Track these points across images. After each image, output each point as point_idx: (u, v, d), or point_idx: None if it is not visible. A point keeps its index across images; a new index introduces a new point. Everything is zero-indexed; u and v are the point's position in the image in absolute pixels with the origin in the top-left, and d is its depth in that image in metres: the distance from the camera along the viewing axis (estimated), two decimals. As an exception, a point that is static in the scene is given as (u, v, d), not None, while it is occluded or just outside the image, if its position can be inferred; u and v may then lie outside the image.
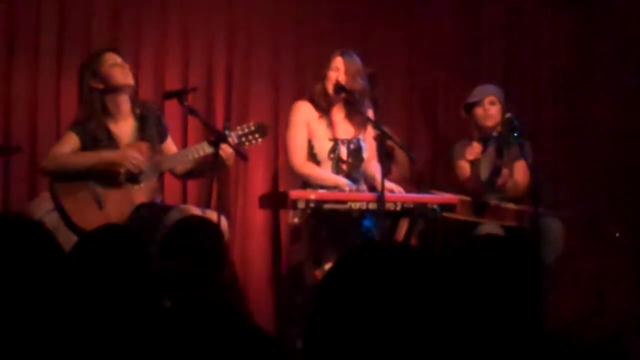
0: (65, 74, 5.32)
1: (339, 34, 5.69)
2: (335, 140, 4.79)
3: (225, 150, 4.35)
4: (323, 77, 4.76)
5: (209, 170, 4.59)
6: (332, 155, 4.78)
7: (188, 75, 5.49)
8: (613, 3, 6.00)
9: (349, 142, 4.82)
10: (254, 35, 5.62)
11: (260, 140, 4.51)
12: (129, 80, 4.55)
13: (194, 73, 5.51)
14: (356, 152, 4.83)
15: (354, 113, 4.80)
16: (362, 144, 4.84)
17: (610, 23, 5.98)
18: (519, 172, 5.03)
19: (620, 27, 5.97)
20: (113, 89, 4.51)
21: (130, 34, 5.44)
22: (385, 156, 4.73)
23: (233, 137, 4.41)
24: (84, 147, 4.50)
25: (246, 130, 4.47)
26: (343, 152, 4.80)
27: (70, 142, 4.51)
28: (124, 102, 4.56)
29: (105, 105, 4.52)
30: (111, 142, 4.50)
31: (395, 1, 5.89)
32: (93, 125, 4.48)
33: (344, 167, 4.80)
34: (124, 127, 4.56)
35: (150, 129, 4.59)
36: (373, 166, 4.83)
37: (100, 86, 4.50)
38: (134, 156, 4.41)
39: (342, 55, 4.76)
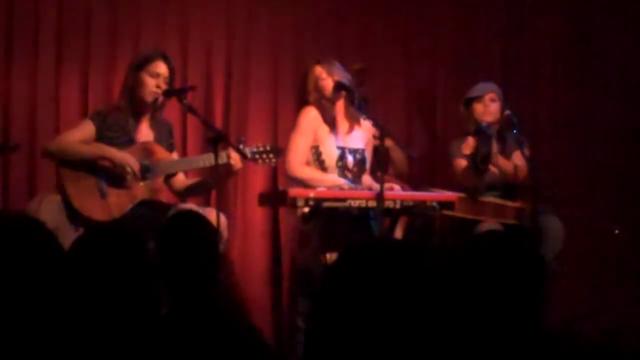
0: (64, 72, 5.32)
1: (338, 33, 5.69)
2: (343, 149, 4.82)
3: (232, 156, 4.36)
4: (320, 90, 4.80)
5: (213, 180, 4.58)
6: (340, 163, 4.81)
7: (187, 74, 5.49)
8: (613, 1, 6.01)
9: (355, 151, 4.84)
10: (252, 34, 5.63)
11: (274, 160, 4.54)
12: (151, 97, 4.52)
13: (192, 72, 5.51)
14: (361, 163, 4.86)
15: (355, 114, 4.81)
16: (366, 156, 4.87)
17: (610, 20, 5.98)
18: (518, 159, 5.03)
19: (620, 24, 5.97)
20: (136, 97, 4.52)
21: (128, 32, 5.44)
22: (382, 156, 4.73)
23: (247, 152, 4.41)
24: (100, 138, 4.48)
25: (261, 149, 4.51)
26: (350, 160, 4.83)
27: (85, 130, 4.49)
28: (148, 108, 4.57)
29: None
30: (130, 142, 4.50)
31: (394, 0, 5.90)
32: (118, 118, 4.48)
33: (349, 175, 4.82)
34: (144, 131, 4.57)
35: (162, 138, 4.61)
36: (367, 178, 4.91)
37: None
38: (133, 163, 4.40)
39: (319, 64, 4.83)
